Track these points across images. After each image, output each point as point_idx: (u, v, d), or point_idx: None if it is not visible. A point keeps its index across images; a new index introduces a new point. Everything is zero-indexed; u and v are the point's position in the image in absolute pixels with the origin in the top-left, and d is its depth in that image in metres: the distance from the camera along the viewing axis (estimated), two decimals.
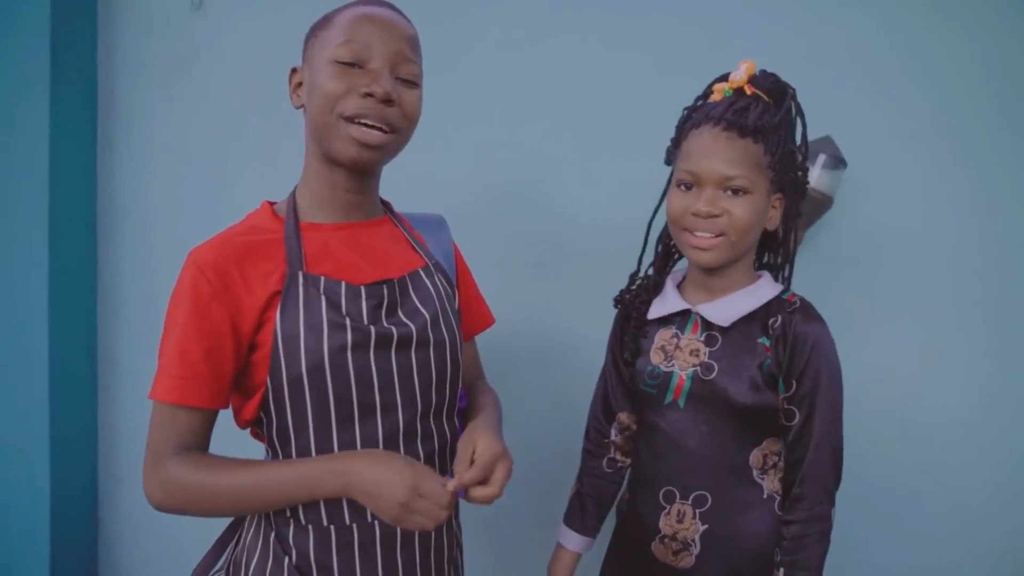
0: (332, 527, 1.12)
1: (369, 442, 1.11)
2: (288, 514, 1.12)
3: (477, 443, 1.10)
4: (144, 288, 2.02)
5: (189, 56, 1.95)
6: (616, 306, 1.41)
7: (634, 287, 1.39)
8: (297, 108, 1.18)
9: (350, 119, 1.08)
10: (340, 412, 1.09)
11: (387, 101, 1.07)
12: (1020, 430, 1.74)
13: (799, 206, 1.29)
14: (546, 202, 1.91)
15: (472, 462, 1.09)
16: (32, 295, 1.86)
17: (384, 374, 1.11)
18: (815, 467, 1.19)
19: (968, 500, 1.78)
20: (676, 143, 1.28)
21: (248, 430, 1.18)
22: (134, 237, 2.02)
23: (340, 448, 1.10)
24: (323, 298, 1.08)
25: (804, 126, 1.28)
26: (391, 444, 1.13)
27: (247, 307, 1.07)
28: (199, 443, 1.10)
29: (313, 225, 1.16)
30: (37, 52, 1.79)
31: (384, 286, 1.13)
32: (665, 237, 1.40)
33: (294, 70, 1.19)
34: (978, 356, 1.74)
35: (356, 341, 1.08)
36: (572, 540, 1.43)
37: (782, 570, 1.18)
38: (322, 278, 1.09)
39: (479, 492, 1.07)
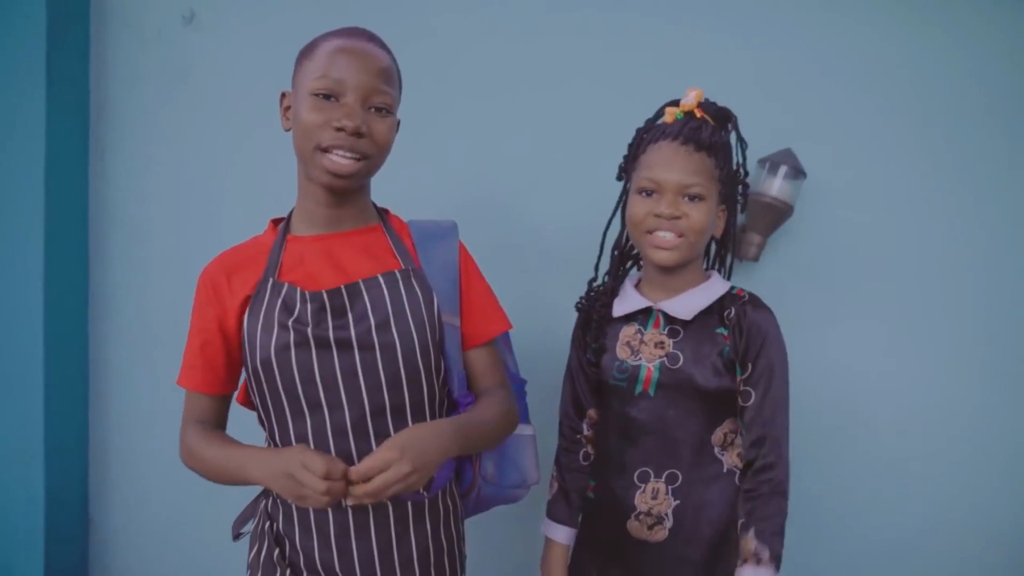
0: (294, 507, 1.26)
1: (319, 435, 1.22)
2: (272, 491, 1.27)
3: (384, 444, 1.13)
4: (134, 297, 2.07)
5: (180, 67, 2.01)
6: (577, 310, 1.52)
7: (592, 293, 1.51)
8: (287, 131, 1.29)
9: (325, 150, 1.19)
10: (291, 405, 1.23)
11: (357, 134, 1.18)
12: (975, 423, 1.85)
13: (736, 216, 1.46)
14: (527, 209, 2.00)
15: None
16: (28, 305, 1.90)
17: (327, 373, 1.21)
18: (773, 440, 1.30)
19: (932, 496, 1.88)
20: (633, 157, 1.41)
21: None
22: (126, 246, 2.06)
23: (296, 436, 1.23)
24: (280, 302, 1.22)
25: (744, 148, 1.45)
26: (340, 439, 1.21)
27: (231, 310, 1.26)
28: (213, 420, 1.32)
29: (297, 238, 1.30)
30: (33, 63, 1.85)
31: (325, 293, 1.22)
32: (619, 245, 1.52)
33: (283, 94, 1.30)
34: (933, 353, 1.85)
35: (297, 341, 1.20)
36: (561, 533, 1.50)
37: (752, 529, 1.28)
38: (285, 285, 1.23)
39: (357, 488, 1.11)
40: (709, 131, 1.34)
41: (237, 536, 1.35)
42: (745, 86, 1.81)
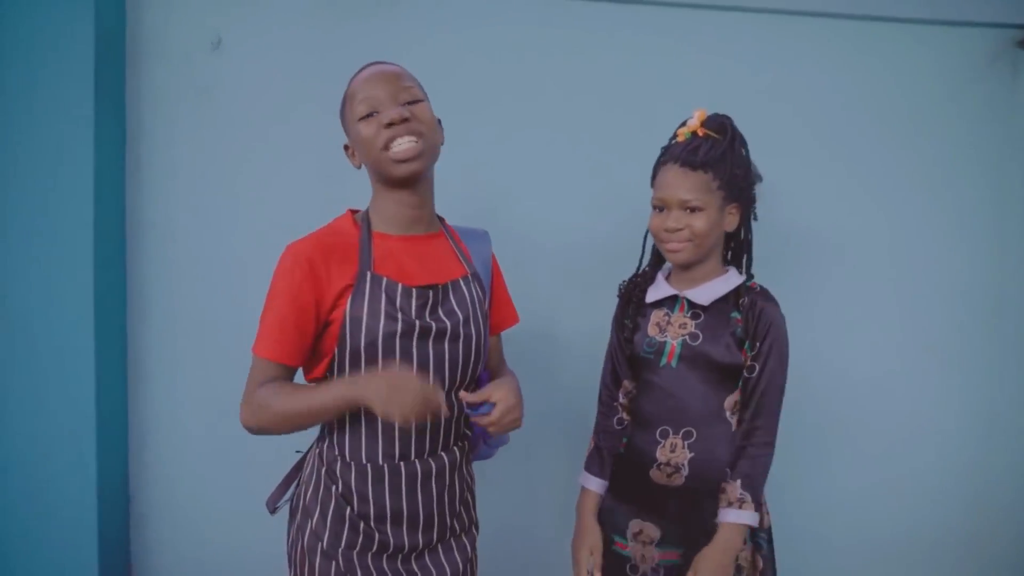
0: (368, 464, 1.44)
1: None
2: (336, 452, 1.46)
3: (504, 392, 1.43)
4: (164, 292, 2.25)
5: (204, 87, 2.20)
6: (619, 294, 1.78)
7: (635, 280, 1.77)
8: (359, 167, 1.50)
9: (386, 148, 1.40)
10: None
11: (403, 120, 1.39)
12: (969, 423, 2.25)
13: (752, 210, 1.71)
14: (521, 211, 2.27)
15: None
16: (79, 301, 2.05)
17: (422, 357, 1.43)
18: (767, 408, 1.59)
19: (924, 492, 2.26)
20: (654, 176, 1.68)
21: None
22: (157, 246, 2.23)
23: None
24: (383, 294, 1.39)
25: (745, 145, 1.67)
26: None
27: (328, 292, 1.38)
28: None
29: (382, 235, 1.48)
30: (83, 87, 2.01)
31: (430, 290, 1.45)
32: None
33: (346, 146, 1.52)
34: (922, 353, 2.22)
35: (404, 330, 1.40)
36: (594, 483, 1.75)
37: (739, 481, 1.55)
38: (384, 278, 1.41)
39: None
40: (706, 148, 1.58)
41: (275, 510, 1.55)
42: (719, 101, 1.96)
